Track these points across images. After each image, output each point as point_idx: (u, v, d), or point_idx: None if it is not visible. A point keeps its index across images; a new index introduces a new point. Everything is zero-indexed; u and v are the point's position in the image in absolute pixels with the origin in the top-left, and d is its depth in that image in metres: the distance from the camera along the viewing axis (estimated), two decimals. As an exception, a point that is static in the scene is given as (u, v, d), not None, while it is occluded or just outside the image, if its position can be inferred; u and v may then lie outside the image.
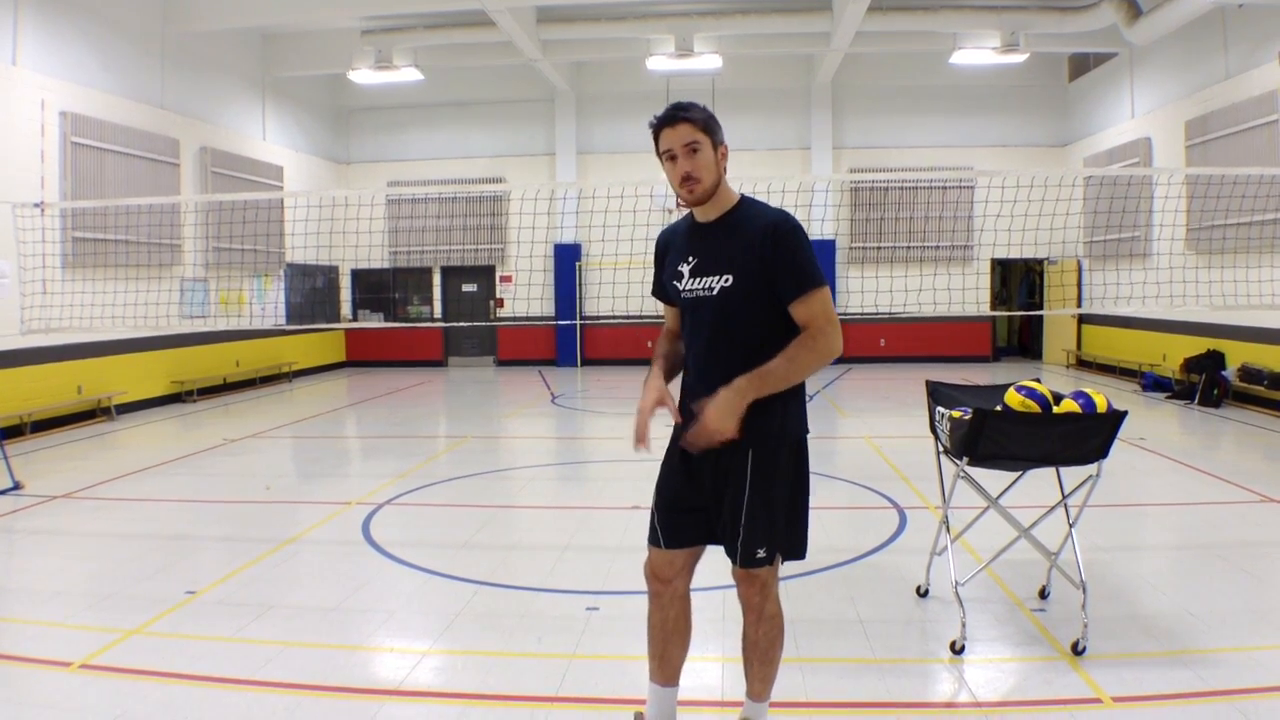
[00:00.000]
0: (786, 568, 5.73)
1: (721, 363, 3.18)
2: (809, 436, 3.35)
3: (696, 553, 3.44)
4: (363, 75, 16.97)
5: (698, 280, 3.23)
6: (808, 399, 3.34)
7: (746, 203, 3.30)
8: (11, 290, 11.19)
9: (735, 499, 3.21)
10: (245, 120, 17.11)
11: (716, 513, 3.30)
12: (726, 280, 3.16)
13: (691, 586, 3.44)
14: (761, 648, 3.37)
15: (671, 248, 3.39)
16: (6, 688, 4.18)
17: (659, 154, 3.22)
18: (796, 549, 3.33)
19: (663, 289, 3.45)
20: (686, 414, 3.25)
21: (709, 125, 3.19)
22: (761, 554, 3.22)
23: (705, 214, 3.29)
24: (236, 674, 4.30)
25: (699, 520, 3.36)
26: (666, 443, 3.41)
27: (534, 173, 20.49)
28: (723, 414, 3.02)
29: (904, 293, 17.82)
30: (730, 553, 3.28)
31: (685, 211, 3.42)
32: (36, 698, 4.07)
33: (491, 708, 3.97)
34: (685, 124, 3.15)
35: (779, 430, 3.22)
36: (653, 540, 3.42)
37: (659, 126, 3.20)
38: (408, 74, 16.93)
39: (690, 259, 3.27)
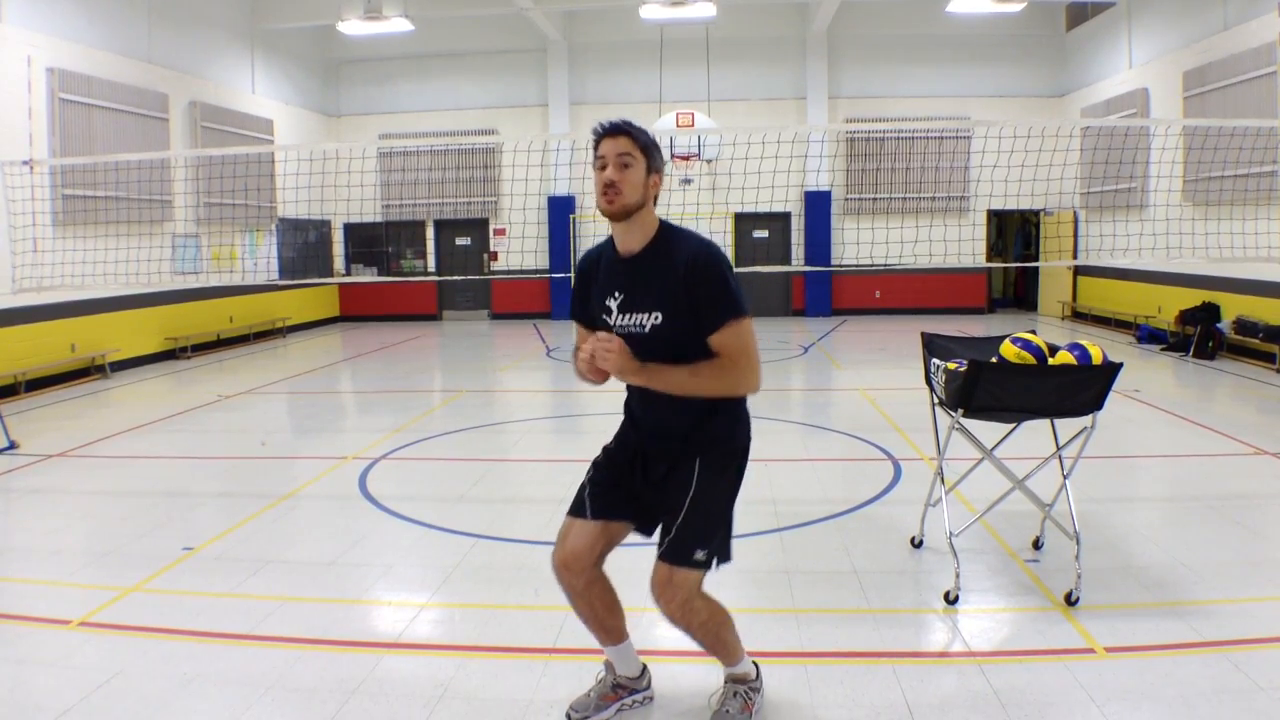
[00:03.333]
0: (781, 518, 5.79)
1: (658, 394, 3.19)
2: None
3: (613, 537, 3.38)
4: (352, 26, 16.73)
5: (628, 317, 3.20)
6: (803, 351, 3.33)
7: (666, 231, 3.23)
8: (2, 249, 11.11)
9: (678, 497, 3.22)
10: (234, 74, 16.90)
11: (657, 502, 3.30)
12: (656, 318, 3.14)
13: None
14: (709, 641, 3.39)
15: (595, 279, 3.33)
16: (7, 646, 4.20)
17: (594, 161, 3.18)
18: (727, 554, 3.32)
19: (588, 316, 3.40)
20: (628, 440, 3.38)
21: (649, 149, 3.16)
22: (700, 555, 3.18)
23: (627, 244, 3.22)
24: (235, 629, 4.32)
25: (632, 503, 3.36)
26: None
27: (527, 124, 20.30)
28: (617, 362, 3.03)
29: (899, 244, 17.73)
30: (660, 542, 3.23)
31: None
32: (36, 656, 4.09)
33: (489, 659, 4.01)
34: (625, 137, 3.13)
35: (728, 440, 3.28)
36: (576, 511, 3.37)
37: (601, 134, 3.17)
38: (398, 24, 16.68)
39: (617, 294, 3.23)
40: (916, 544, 5.28)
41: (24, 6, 11.81)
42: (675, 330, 3.13)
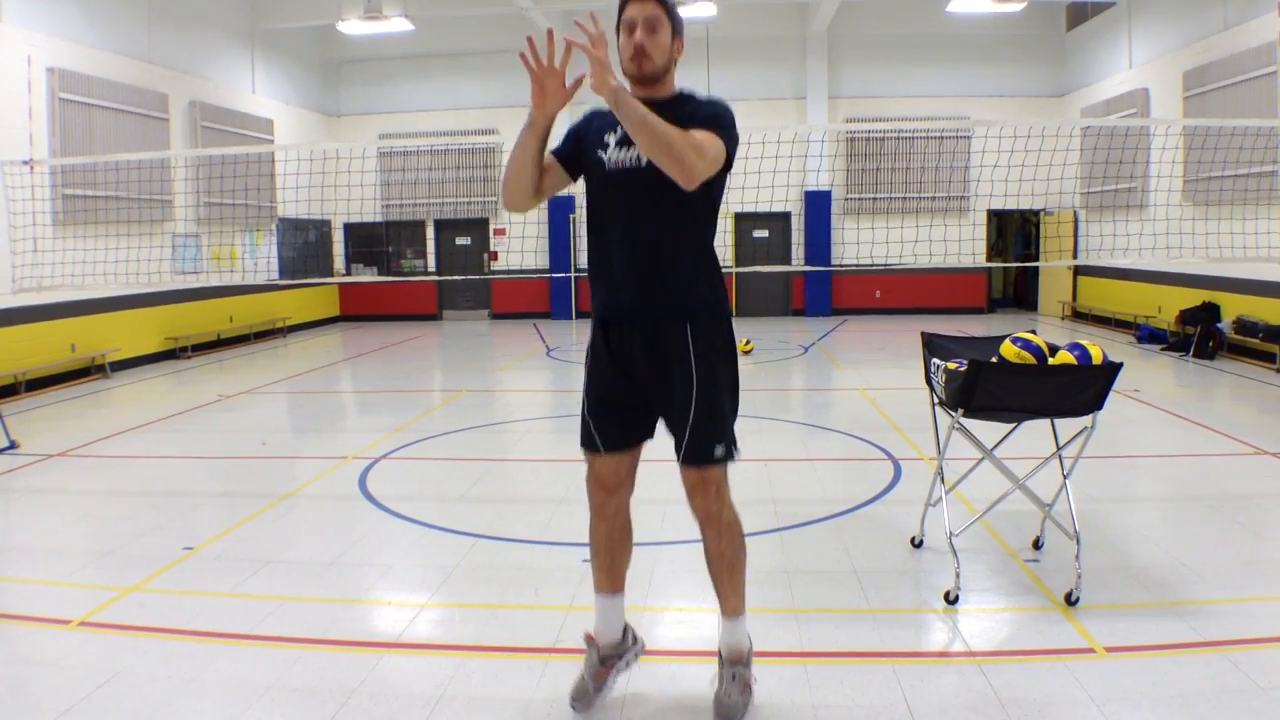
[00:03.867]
0: (781, 518, 5.79)
1: (645, 241, 3.21)
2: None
3: (636, 455, 3.47)
4: (352, 26, 16.73)
5: (624, 150, 3.22)
6: (803, 350, 3.34)
7: (687, 93, 3.32)
8: (2, 249, 11.11)
9: (683, 391, 3.22)
10: (234, 73, 16.90)
11: (661, 405, 3.32)
12: None
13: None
14: (728, 559, 3.41)
15: (596, 122, 3.35)
16: (6, 646, 4.20)
17: (619, 25, 3.22)
18: (735, 445, 3.34)
19: (570, 154, 3.38)
20: (603, 290, 3.33)
21: (673, 12, 3.23)
22: (720, 451, 3.24)
23: (645, 93, 3.24)
24: (235, 629, 4.32)
25: (635, 419, 3.38)
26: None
27: (527, 124, 20.26)
28: (603, 76, 2.92)
29: (899, 244, 17.74)
30: (679, 447, 3.28)
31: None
32: (36, 655, 4.09)
33: (489, 659, 4.00)
34: (653, 1, 3.18)
35: (711, 304, 3.28)
36: (588, 445, 3.44)
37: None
38: (398, 24, 16.69)
39: (618, 129, 3.23)
40: (916, 544, 5.28)
41: (24, 6, 11.81)
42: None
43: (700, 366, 3.23)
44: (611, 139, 3.25)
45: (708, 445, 3.24)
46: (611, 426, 3.39)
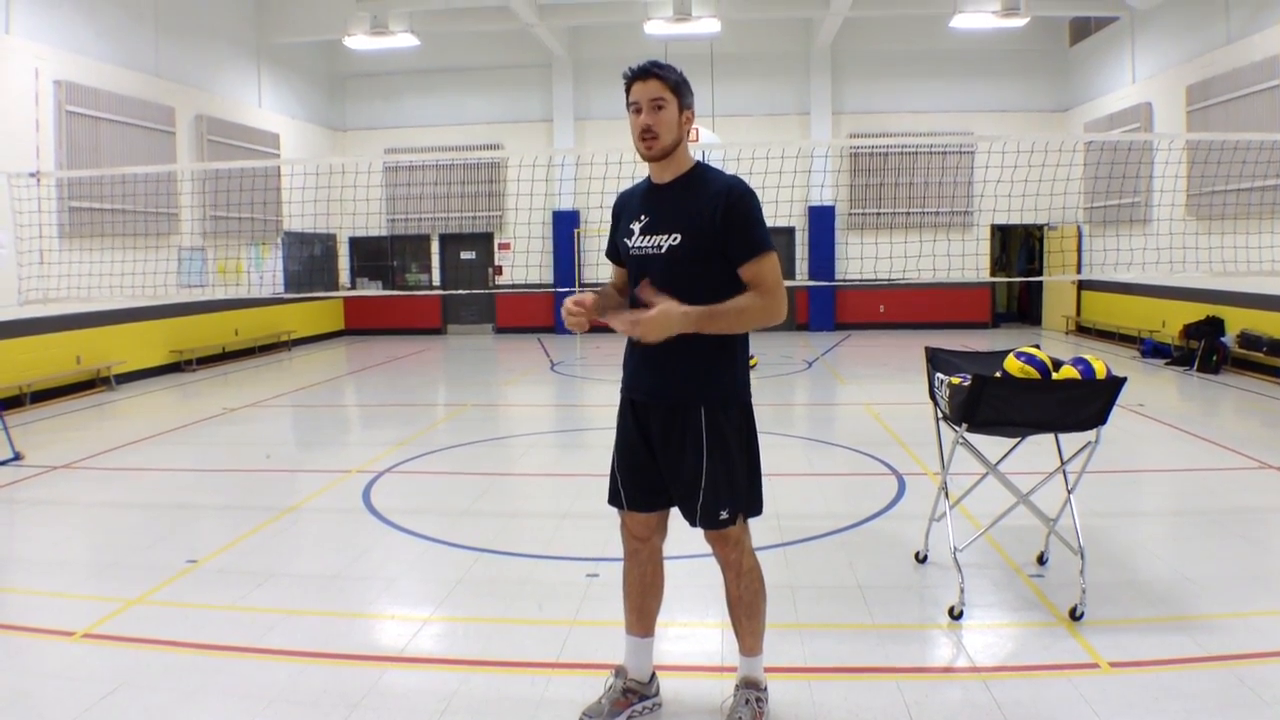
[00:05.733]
0: (785, 533, 5.78)
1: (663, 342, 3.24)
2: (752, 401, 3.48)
3: (665, 513, 3.56)
4: (358, 41, 16.81)
5: (647, 239, 3.32)
6: (807, 365, 3.37)
7: (702, 168, 3.36)
8: (8, 261, 11.14)
9: (694, 463, 3.30)
10: (241, 88, 16.98)
11: (673, 479, 3.38)
12: (675, 239, 3.25)
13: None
14: (746, 602, 3.49)
15: (627, 210, 3.48)
16: (10, 658, 4.20)
17: (628, 105, 3.30)
18: (756, 506, 3.48)
19: (615, 249, 3.56)
20: (631, 369, 3.45)
21: (678, 88, 3.27)
22: (725, 515, 3.33)
23: (661, 175, 3.36)
24: (238, 642, 4.32)
25: (659, 489, 3.46)
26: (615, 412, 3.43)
27: (531, 139, 20.36)
28: (660, 325, 3.09)
29: (904, 259, 17.75)
30: (688, 515, 3.37)
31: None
32: (40, 667, 4.09)
33: (492, 674, 4.00)
34: (655, 80, 3.24)
35: (730, 391, 3.34)
36: (615, 503, 3.54)
37: (631, 79, 3.28)
38: (404, 40, 16.77)
39: (643, 217, 3.35)
40: (921, 559, 5.27)
41: (32, 19, 11.88)
42: (690, 251, 3.23)
43: (712, 441, 3.30)
44: (636, 226, 3.36)
45: (714, 510, 3.33)
46: (638, 488, 3.48)
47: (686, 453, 3.31)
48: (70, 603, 4.87)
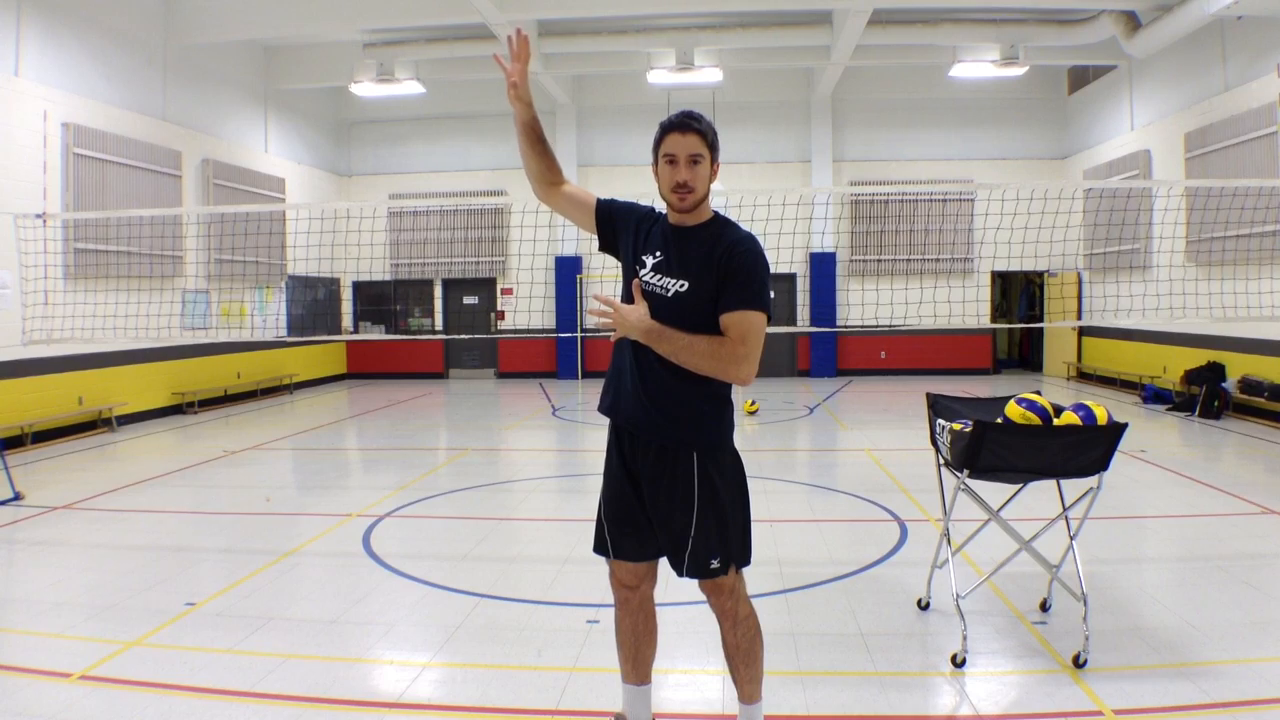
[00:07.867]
0: (787, 580, 5.75)
1: (659, 372, 3.25)
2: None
3: (650, 564, 3.55)
4: (364, 88, 17.04)
5: (657, 278, 3.30)
6: (808, 411, 3.37)
7: (722, 220, 3.37)
8: (13, 301, 11.21)
9: (684, 511, 3.28)
10: (247, 132, 17.16)
11: (662, 527, 3.35)
12: (683, 286, 3.25)
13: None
14: (743, 650, 3.47)
15: (644, 229, 3.44)
16: (6, 698, 4.18)
17: (658, 154, 3.29)
18: (746, 555, 3.42)
19: (605, 210, 3.53)
20: (614, 394, 3.42)
21: (713, 144, 3.29)
22: (715, 564, 3.30)
23: (680, 219, 3.36)
24: (237, 686, 4.29)
25: (647, 537, 3.43)
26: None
27: (535, 185, 20.48)
28: (632, 324, 3.16)
29: (904, 305, 17.83)
30: (676, 565, 3.35)
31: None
32: (37, 709, 4.06)
33: (492, 720, 3.97)
34: (696, 136, 3.24)
35: (718, 437, 3.34)
36: (601, 551, 3.53)
37: (669, 129, 3.26)
38: (409, 87, 16.99)
39: (657, 254, 3.34)
40: (923, 606, 5.24)
41: (41, 62, 12.04)
42: (694, 300, 3.22)
43: (703, 489, 3.29)
44: (649, 260, 3.35)
45: (704, 558, 3.31)
46: (625, 538, 3.46)
47: (676, 499, 3.29)
48: (68, 644, 4.85)
